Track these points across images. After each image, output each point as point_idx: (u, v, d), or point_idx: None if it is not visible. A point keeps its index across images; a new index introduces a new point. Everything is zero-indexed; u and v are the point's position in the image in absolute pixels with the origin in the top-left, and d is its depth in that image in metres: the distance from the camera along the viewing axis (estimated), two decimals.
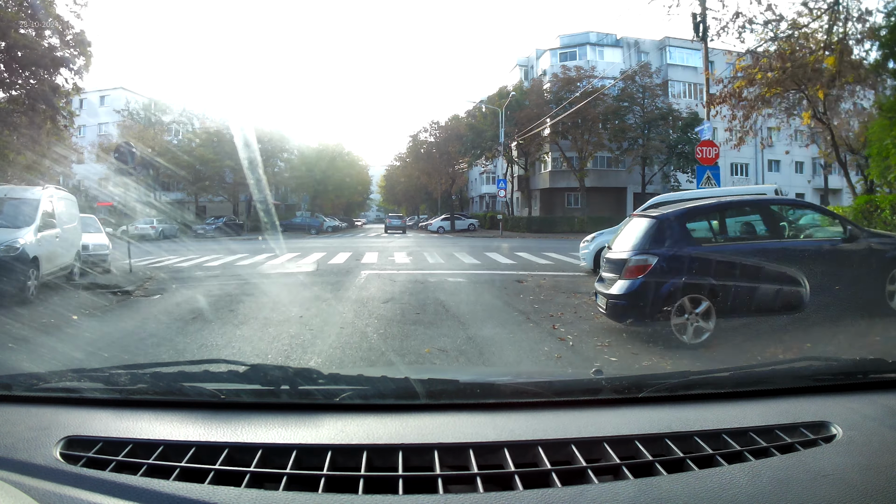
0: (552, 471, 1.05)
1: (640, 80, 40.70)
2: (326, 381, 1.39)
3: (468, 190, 71.62)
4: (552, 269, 14.08)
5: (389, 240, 32.49)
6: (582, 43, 45.84)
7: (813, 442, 1.18)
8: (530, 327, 6.93)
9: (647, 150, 39.41)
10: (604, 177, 44.07)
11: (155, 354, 5.64)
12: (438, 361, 5.40)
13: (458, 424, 1.27)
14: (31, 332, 6.65)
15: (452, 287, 10.58)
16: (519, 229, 41.66)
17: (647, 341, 6.06)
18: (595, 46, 45.88)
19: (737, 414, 1.31)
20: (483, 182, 64.93)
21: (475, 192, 68.56)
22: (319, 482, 1.02)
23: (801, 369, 1.65)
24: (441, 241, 30.97)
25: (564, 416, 1.31)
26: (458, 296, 9.50)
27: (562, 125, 37.94)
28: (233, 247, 23.96)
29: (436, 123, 45.06)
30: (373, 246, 24.44)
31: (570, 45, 46.18)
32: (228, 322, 7.26)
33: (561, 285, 10.87)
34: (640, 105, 40.92)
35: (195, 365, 1.50)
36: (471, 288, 10.51)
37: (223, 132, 44.74)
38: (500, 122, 37.84)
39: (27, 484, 1.00)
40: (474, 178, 67.44)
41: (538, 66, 48.97)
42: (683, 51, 47.84)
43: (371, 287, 10.58)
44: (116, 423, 1.29)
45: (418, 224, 60.86)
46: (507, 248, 22.20)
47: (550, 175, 45.16)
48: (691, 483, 1.02)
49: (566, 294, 9.74)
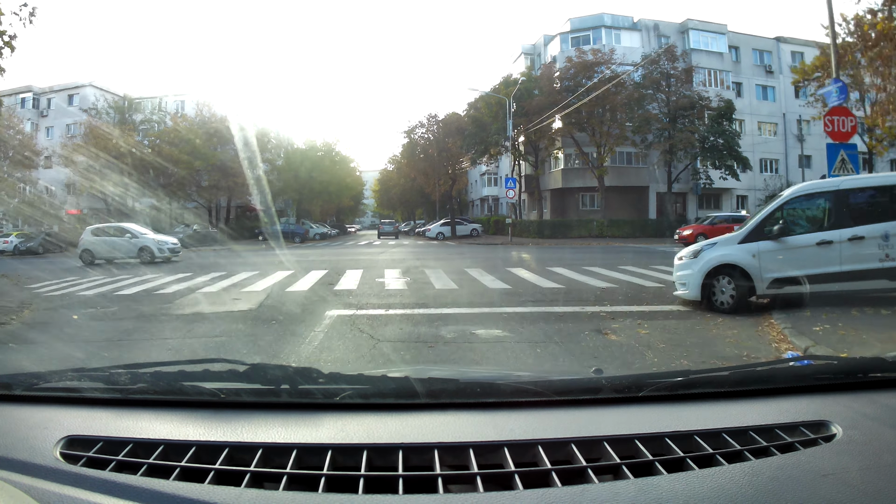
0: (552, 470, 1.04)
1: (665, 64, 35.98)
2: (326, 381, 1.38)
3: (468, 193, 66.65)
4: (624, 297, 9.15)
5: (382, 249, 27.47)
6: (596, 26, 41.05)
7: (813, 441, 1.16)
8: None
9: (677, 142, 34.53)
10: (623, 174, 39.14)
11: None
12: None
13: (458, 424, 1.25)
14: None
15: (494, 358, 5.54)
16: (529, 234, 36.74)
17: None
18: (610, 30, 41.13)
19: (737, 413, 1.29)
20: (484, 184, 60.04)
21: (476, 194, 63.61)
22: (319, 482, 1.01)
23: (801, 368, 1.60)
24: (444, 250, 25.99)
25: (564, 416, 1.30)
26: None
27: (579, 115, 33.07)
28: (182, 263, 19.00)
29: (433, 117, 39.81)
30: (359, 259, 19.36)
31: (582, 28, 41.37)
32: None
33: (682, 340, 5.96)
34: (664, 92, 36.11)
35: (195, 364, 1.49)
36: (533, 360, 5.46)
37: (197, 130, 39.89)
38: (508, 112, 32.90)
39: (27, 484, 0.99)
40: (474, 180, 62.54)
41: (546, 53, 44.15)
42: (707, 35, 43.22)
43: (329, 358, 5.62)
44: (116, 422, 1.28)
45: (415, 230, 55.81)
46: (532, 261, 17.24)
47: (563, 173, 40.18)
48: (691, 482, 1.00)
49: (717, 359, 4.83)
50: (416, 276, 12.80)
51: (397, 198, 67.44)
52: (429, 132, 39.56)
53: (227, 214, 44.51)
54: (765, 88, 46.20)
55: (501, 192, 58.60)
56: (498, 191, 59.14)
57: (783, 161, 45.48)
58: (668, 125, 35.14)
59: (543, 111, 33.03)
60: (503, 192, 58.87)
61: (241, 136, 40.19)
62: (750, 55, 46.07)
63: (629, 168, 39.50)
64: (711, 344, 5.86)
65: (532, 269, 13.81)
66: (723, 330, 6.56)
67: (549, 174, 40.74)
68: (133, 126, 45.36)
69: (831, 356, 1.69)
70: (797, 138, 45.48)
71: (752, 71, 45.75)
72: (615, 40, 40.55)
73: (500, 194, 58.23)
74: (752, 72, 45.68)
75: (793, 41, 47.36)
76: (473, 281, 11.61)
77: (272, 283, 11.56)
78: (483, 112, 36.23)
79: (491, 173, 58.83)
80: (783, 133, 45.94)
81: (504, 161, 47.07)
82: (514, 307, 8.31)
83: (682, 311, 7.80)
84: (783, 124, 46.08)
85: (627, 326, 6.74)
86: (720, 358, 5.24)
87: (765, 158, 44.67)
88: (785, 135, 45.79)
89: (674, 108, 36.16)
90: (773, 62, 46.38)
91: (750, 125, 43.92)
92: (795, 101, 45.08)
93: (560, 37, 42.19)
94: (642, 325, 6.78)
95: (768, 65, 46.19)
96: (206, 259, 20.24)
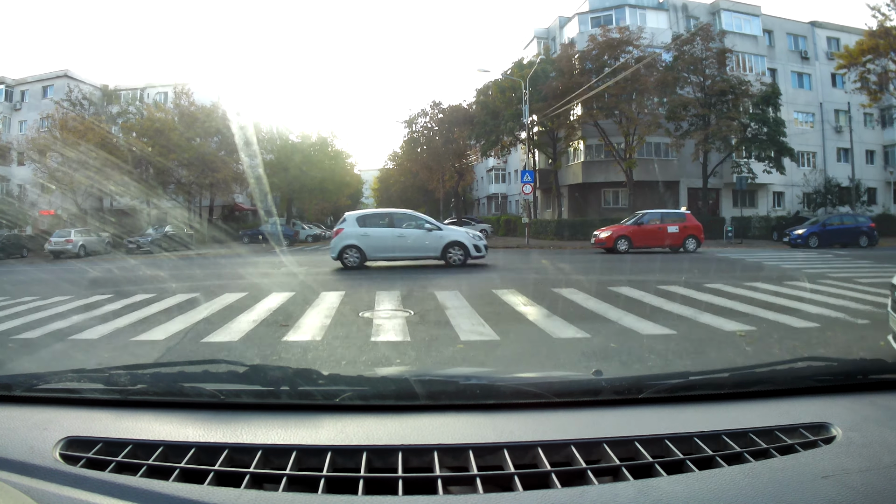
0: (552, 472, 1.04)
1: (699, 45, 31.83)
2: (326, 382, 1.38)
3: (473, 190, 62.41)
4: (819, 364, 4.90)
5: None
6: (618, 4, 36.87)
7: (813, 443, 1.15)
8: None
9: (716, 130, 30.32)
10: (649, 168, 34.87)
11: None
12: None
13: (458, 425, 1.25)
14: None
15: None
16: (546, 235, 32.57)
17: None
18: (635, 9, 36.96)
19: (736, 415, 1.29)
20: (491, 181, 55.90)
21: (482, 192, 59.40)
22: (319, 483, 1.01)
23: (800, 370, 1.57)
24: None
25: (564, 417, 1.29)
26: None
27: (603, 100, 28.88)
28: (123, 274, 14.87)
29: (437, 105, 35.37)
30: (339, 280, 14.88)
31: (603, 7, 37.20)
32: None
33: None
34: (701, 75, 31.92)
35: (195, 365, 1.49)
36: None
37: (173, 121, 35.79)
38: (524, 95, 28.68)
39: (27, 484, 0.98)
40: (480, 177, 58.33)
41: (562, 35, 39.96)
42: (740, 16, 38.99)
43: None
44: (116, 423, 1.27)
45: None
46: (576, 274, 13.05)
47: (584, 167, 35.94)
48: (691, 484, 1.00)
49: None
50: (424, 306, 8.28)
51: (397, 196, 63.25)
52: (432, 121, 35.13)
53: (210, 214, 40.32)
54: (800, 76, 42.03)
55: (510, 189, 54.35)
56: (506, 188, 54.89)
57: (821, 154, 41.31)
58: (705, 110, 30.93)
59: (564, 94, 28.84)
60: (512, 188, 54.73)
61: (224, 127, 36.09)
62: (784, 40, 41.89)
63: (657, 161, 35.26)
64: None
65: (590, 291, 9.59)
66: None
67: (568, 168, 36.46)
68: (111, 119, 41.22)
69: (831, 357, 1.60)
70: (835, 130, 41.39)
71: (787, 57, 41.60)
72: (640, 20, 36.38)
73: (509, 191, 53.97)
74: (786, 57, 41.52)
75: (828, 26, 43.22)
76: (517, 318, 7.37)
77: (192, 323, 7.20)
78: (495, 97, 32.00)
79: (499, 169, 54.63)
80: (820, 124, 41.72)
81: (515, 155, 42.83)
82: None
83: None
84: (820, 114, 41.88)
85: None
86: None
87: (802, 151, 40.41)
88: (822, 126, 41.60)
89: (709, 92, 32.04)
90: (808, 48, 42.21)
91: (786, 115, 39.74)
92: (833, 89, 41.13)
93: (578, 17, 38.03)
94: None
95: (803, 50, 42.02)
96: (154, 270, 16.02)
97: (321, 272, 14.46)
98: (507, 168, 54.42)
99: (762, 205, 39.46)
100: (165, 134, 34.09)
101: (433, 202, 62.71)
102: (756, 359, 5.09)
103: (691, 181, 36.16)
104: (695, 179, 36.06)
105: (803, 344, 5.65)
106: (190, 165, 34.93)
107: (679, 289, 9.70)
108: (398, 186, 60.10)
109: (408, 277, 12.42)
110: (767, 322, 6.70)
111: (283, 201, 39.62)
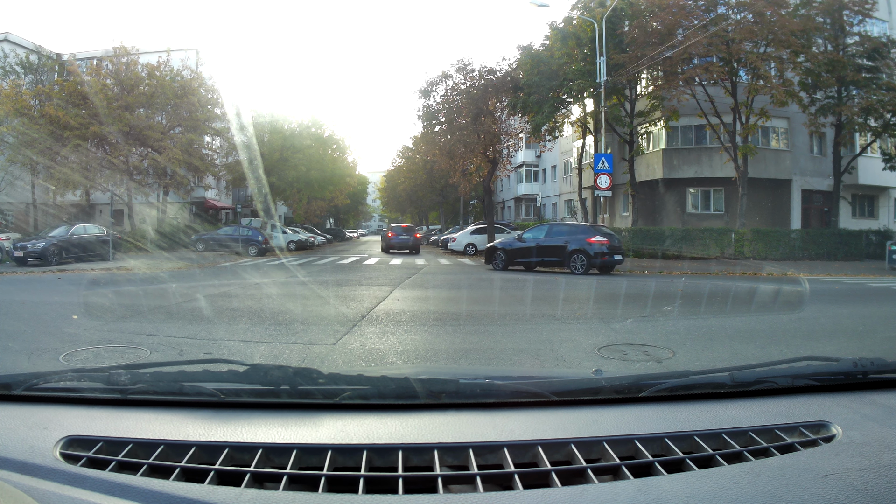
0: (552, 471, 1.03)
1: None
2: (326, 381, 1.36)
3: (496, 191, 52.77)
4: None
5: (373, 287, 13.68)
6: None
7: (813, 442, 1.15)
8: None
9: (871, 104, 20.69)
10: (758, 161, 25.13)
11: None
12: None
13: (458, 424, 1.25)
14: None
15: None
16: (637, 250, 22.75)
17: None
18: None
19: (736, 414, 1.29)
20: (520, 179, 46.19)
21: (509, 193, 49.70)
22: (320, 482, 1.01)
23: (800, 369, 1.55)
24: (513, 291, 12.15)
25: (564, 416, 1.29)
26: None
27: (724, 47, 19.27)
28: None
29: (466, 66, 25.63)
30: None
31: None
32: None
33: None
34: (842, 26, 22.34)
35: (195, 364, 1.46)
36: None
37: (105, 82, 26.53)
38: (598, 42, 19.03)
39: (27, 484, 0.98)
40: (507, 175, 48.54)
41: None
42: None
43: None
44: (116, 422, 1.26)
45: (429, 237, 41.93)
46: None
47: (666, 156, 26.16)
48: (691, 483, 1.00)
49: None
50: None
51: (405, 195, 53.55)
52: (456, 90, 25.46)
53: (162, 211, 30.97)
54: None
55: (545, 189, 44.53)
56: (539, 188, 45.08)
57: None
58: (857, 75, 21.28)
59: (661, 41, 19.22)
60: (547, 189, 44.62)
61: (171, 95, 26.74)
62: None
63: (763, 152, 25.51)
64: None
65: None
66: None
67: (641, 158, 26.67)
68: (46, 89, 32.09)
69: (831, 357, 1.55)
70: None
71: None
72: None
73: (545, 192, 44.15)
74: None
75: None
76: None
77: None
78: (553, 49, 22.29)
79: (530, 165, 44.82)
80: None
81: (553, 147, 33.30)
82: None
83: None
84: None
85: None
86: None
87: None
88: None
89: (855, 53, 22.50)
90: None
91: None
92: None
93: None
94: None
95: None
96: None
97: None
98: (541, 164, 44.77)
99: (883, 215, 29.83)
100: (90, 101, 24.78)
101: (448, 204, 52.74)
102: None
103: (806, 181, 26.54)
104: (813, 178, 26.41)
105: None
106: (126, 142, 25.58)
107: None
108: (406, 185, 50.50)
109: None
110: None
111: (256, 198, 30.19)
